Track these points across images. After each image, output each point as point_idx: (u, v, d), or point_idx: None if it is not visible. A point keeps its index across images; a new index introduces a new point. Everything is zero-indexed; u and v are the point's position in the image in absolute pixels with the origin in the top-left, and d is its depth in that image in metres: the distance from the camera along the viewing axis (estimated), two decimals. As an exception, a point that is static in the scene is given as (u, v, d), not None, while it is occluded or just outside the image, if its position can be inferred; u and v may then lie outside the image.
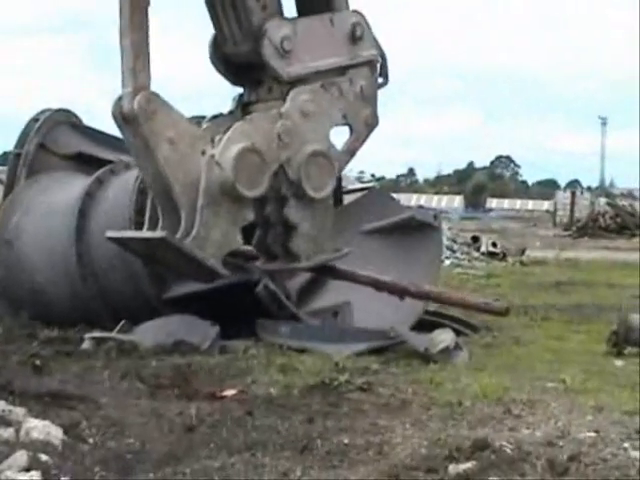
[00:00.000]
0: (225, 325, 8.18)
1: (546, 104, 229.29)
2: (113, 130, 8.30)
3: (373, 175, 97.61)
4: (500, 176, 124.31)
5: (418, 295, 8.85)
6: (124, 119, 7.67)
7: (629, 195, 64.00)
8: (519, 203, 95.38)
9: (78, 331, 8.61)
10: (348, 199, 10.27)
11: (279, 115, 8.04)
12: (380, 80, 8.67)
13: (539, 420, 5.64)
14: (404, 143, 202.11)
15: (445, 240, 19.81)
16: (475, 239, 24.15)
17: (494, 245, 23.50)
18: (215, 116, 8.29)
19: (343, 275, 8.76)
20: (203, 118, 8.27)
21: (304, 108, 8.12)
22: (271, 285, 8.35)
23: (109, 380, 6.82)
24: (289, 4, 8.43)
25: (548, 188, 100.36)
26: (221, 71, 8.43)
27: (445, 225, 21.14)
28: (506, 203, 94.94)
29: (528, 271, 19.45)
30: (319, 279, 9.21)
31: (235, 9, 8.10)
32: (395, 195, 14.11)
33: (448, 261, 19.86)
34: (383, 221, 9.63)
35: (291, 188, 8.09)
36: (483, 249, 23.22)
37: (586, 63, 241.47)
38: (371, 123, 8.57)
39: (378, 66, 8.63)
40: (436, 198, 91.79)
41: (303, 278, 9.24)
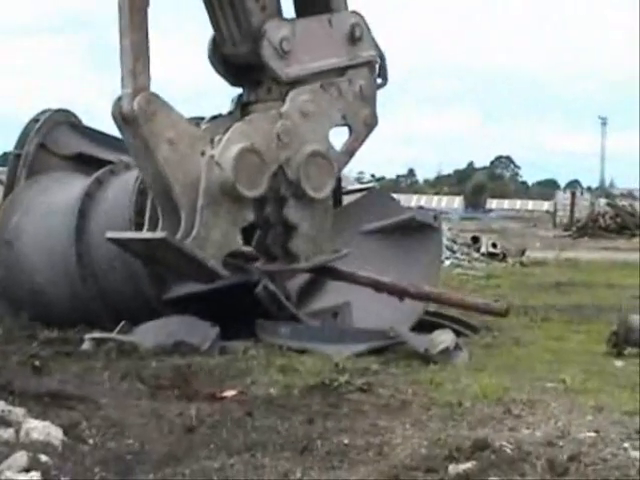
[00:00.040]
0: (225, 326, 8.18)
1: (545, 104, 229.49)
2: (113, 130, 8.31)
3: (373, 175, 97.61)
4: (500, 176, 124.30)
5: (418, 296, 8.84)
6: (124, 120, 7.67)
7: (629, 195, 64.01)
8: (519, 203, 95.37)
9: (78, 332, 8.61)
10: (348, 200, 10.27)
11: (279, 115, 8.05)
12: (379, 80, 8.68)
13: (539, 420, 5.64)
14: (404, 143, 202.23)
15: (445, 241, 19.79)
16: (475, 240, 24.14)
17: (494, 246, 23.48)
18: (214, 117, 8.29)
19: (343, 276, 8.76)
20: (202, 119, 8.28)
21: (303, 108, 8.13)
22: (271, 286, 8.34)
23: (109, 381, 6.82)
24: (287, 5, 8.45)
25: (548, 188, 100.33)
26: (220, 72, 8.44)
27: (445, 226, 21.12)
28: (506, 203, 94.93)
29: (528, 272, 19.44)
30: (319, 280, 9.20)
31: (234, 10, 8.11)
32: (395, 195, 14.09)
33: (448, 262, 19.84)
34: (383, 222, 9.62)
35: (290, 188, 8.10)
36: (483, 250, 23.20)
37: (585, 64, 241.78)
38: (370, 123, 8.58)
39: (377, 66, 8.64)
40: (436, 198, 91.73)
41: (303, 279, 9.23)
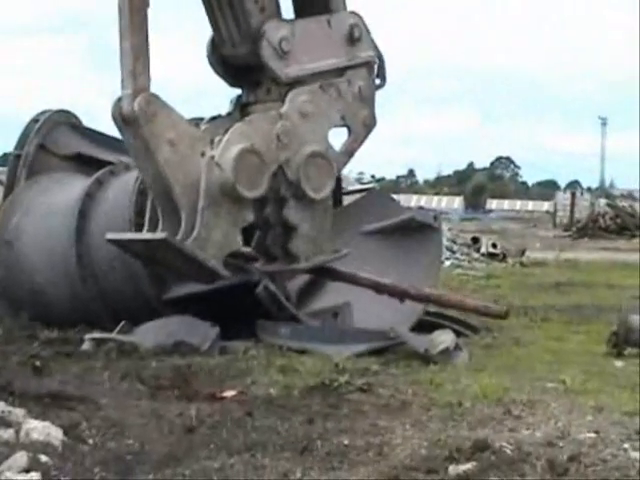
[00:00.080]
0: (225, 326, 8.18)
1: (544, 105, 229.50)
2: (113, 131, 8.30)
3: (373, 176, 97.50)
4: (500, 177, 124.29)
5: (418, 298, 8.84)
6: (124, 121, 7.67)
7: (629, 196, 64.00)
8: (519, 204, 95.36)
9: (78, 332, 8.61)
10: (348, 200, 10.27)
11: (278, 116, 8.05)
12: (378, 81, 8.68)
13: (539, 421, 5.64)
14: (403, 144, 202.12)
15: (445, 241, 19.79)
16: (475, 240, 24.14)
17: (494, 246, 23.48)
18: (213, 117, 8.29)
19: (344, 277, 8.76)
20: (201, 119, 8.28)
21: (303, 109, 8.13)
22: (271, 286, 8.34)
23: (109, 381, 6.82)
24: (286, 5, 8.46)
25: (548, 189, 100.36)
26: (219, 73, 8.44)
27: (445, 226, 21.11)
28: (506, 204, 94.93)
29: (528, 272, 19.44)
30: (319, 280, 9.20)
31: (233, 11, 8.11)
32: (395, 196, 14.10)
33: (448, 262, 19.84)
34: (383, 222, 9.62)
35: (290, 189, 8.11)
36: (483, 250, 23.19)
37: (584, 64, 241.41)
38: (369, 124, 8.59)
39: (376, 67, 8.64)
40: (436, 199, 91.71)
41: (303, 279, 9.23)
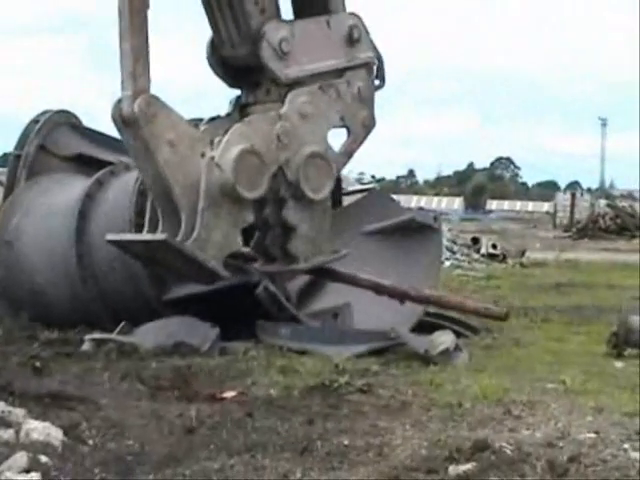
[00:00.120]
0: (225, 327, 8.18)
1: (544, 106, 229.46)
2: (113, 131, 8.30)
3: (373, 176, 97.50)
4: (500, 177, 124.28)
5: (418, 299, 8.84)
6: (124, 122, 7.67)
7: (629, 196, 63.94)
8: (519, 204, 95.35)
9: (78, 332, 8.61)
10: (348, 200, 10.27)
11: (278, 117, 8.05)
12: (377, 82, 8.69)
13: (539, 421, 5.64)
14: (402, 144, 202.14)
15: (445, 242, 19.78)
16: (475, 240, 24.13)
17: (494, 247, 23.47)
18: (212, 118, 8.29)
19: (344, 278, 8.76)
20: (201, 120, 8.27)
21: (302, 110, 8.14)
22: (271, 287, 8.34)
23: (109, 381, 6.83)
24: (286, 6, 8.46)
25: (548, 190, 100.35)
26: (219, 74, 8.44)
27: (445, 226, 21.10)
28: (506, 204, 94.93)
29: (528, 272, 19.44)
30: (319, 281, 9.20)
31: (233, 12, 8.11)
32: (395, 196, 14.09)
33: (448, 262, 19.84)
34: (383, 223, 9.62)
35: (289, 189, 8.11)
36: (483, 250, 23.18)
37: (584, 65, 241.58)
38: (368, 125, 8.59)
39: (375, 68, 8.64)
40: (436, 199, 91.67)
41: (303, 280, 9.24)
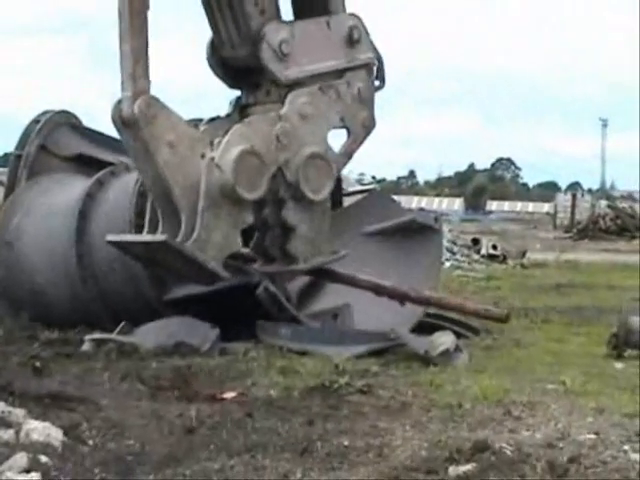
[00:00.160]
0: (225, 327, 8.18)
1: (544, 107, 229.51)
2: (113, 132, 8.30)
3: (374, 177, 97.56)
4: (501, 178, 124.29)
5: (418, 300, 8.84)
6: (124, 123, 7.67)
7: (629, 197, 63.88)
8: (519, 205, 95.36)
9: (78, 333, 8.61)
10: (349, 201, 10.27)
11: (278, 117, 8.05)
12: (377, 83, 8.69)
13: (539, 422, 5.64)
14: (402, 145, 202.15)
15: (445, 242, 19.77)
16: (475, 241, 24.13)
17: (494, 247, 23.46)
18: (212, 119, 8.29)
19: (344, 279, 8.76)
20: (200, 120, 8.27)
21: (302, 111, 8.14)
22: (271, 287, 8.34)
23: (109, 382, 6.83)
24: (285, 7, 8.46)
25: (549, 190, 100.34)
26: (219, 74, 8.43)
27: (445, 227, 21.08)
28: (506, 205, 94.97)
29: (528, 273, 19.43)
30: (319, 282, 9.20)
31: (233, 13, 8.10)
32: (396, 197, 14.09)
33: (448, 263, 19.83)
34: (384, 223, 9.61)
35: (289, 190, 8.11)
36: (483, 251, 23.18)
37: (584, 66, 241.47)
38: (368, 125, 8.59)
39: (375, 69, 8.64)
40: (437, 200, 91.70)
41: (303, 281, 9.24)
